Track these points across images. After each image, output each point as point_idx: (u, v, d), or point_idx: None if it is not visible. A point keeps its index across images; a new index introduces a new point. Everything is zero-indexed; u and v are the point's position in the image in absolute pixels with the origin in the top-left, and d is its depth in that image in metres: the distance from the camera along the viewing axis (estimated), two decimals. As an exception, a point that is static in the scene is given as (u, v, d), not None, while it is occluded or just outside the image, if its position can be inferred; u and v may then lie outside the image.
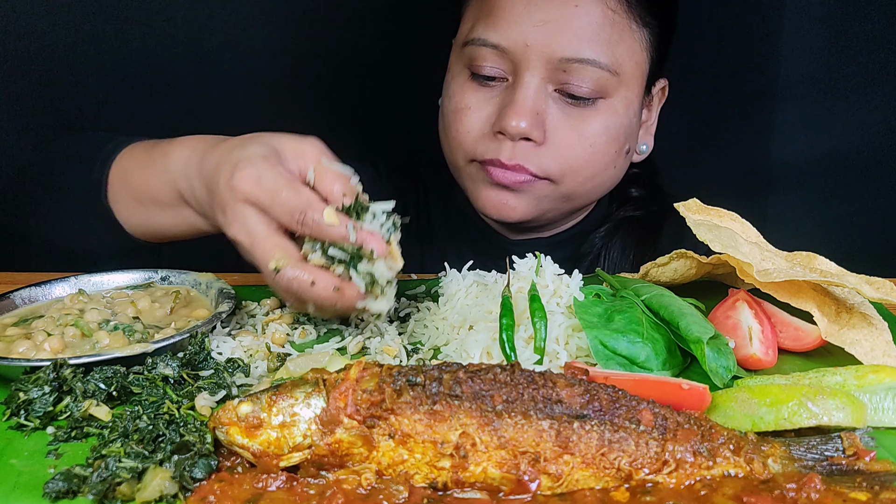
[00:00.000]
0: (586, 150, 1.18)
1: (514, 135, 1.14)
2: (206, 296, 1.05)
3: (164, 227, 1.08)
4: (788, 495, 0.64)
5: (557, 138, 1.17)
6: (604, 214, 1.40)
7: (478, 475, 0.66)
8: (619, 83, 1.17)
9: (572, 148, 1.17)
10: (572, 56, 1.12)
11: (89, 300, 1.02)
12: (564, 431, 0.66)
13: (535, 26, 1.12)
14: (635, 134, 1.27)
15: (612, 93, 1.17)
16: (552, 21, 1.12)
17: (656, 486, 0.66)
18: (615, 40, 1.15)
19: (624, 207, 1.40)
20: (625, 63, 1.16)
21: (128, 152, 1.11)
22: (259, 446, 0.67)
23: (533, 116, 1.14)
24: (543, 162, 1.17)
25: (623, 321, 0.90)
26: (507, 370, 0.69)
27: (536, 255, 1.02)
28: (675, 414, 0.70)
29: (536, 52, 1.13)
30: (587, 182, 1.22)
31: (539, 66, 1.13)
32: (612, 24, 1.14)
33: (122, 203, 1.09)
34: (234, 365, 0.87)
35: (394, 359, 0.93)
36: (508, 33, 1.14)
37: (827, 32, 1.76)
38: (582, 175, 1.20)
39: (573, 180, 1.20)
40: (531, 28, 1.12)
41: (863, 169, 1.83)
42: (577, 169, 1.19)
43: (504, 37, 1.14)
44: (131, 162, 1.09)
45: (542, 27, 1.12)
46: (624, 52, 1.16)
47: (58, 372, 0.79)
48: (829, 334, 0.91)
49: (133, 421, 0.73)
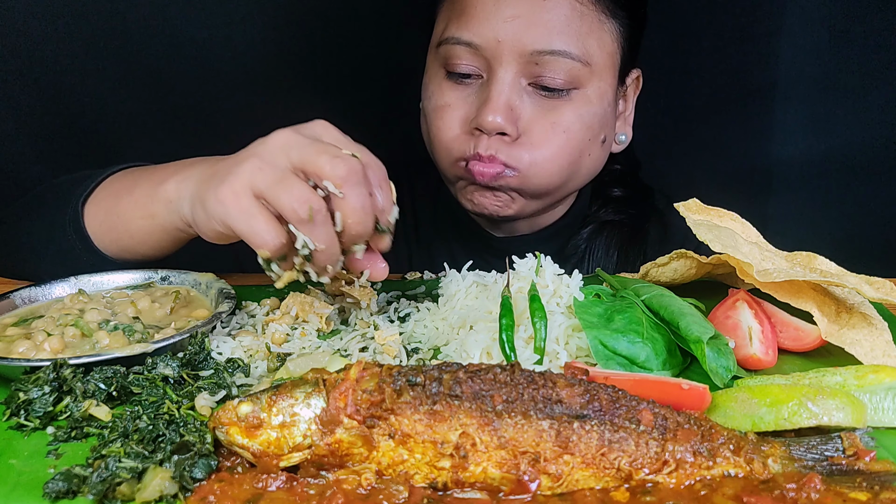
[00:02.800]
0: (560, 137, 1.20)
1: (490, 130, 1.17)
2: (206, 296, 1.05)
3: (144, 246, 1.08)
4: (788, 495, 0.64)
5: (532, 131, 1.19)
6: (586, 210, 1.43)
7: (478, 475, 0.66)
8: (592, 73, 1.19)
9: (546, 138, 1.19)
10: (543, 48, 1.15)
11: (89, 300, 1.02)
12: (564, 431, 0.66)
13: (506, 22, 1.15)
14: (611, 124, 1.29)
15: (585, 83, 1.19)
16: (522, 16, 1.14)
17: (656, 486, 0.66)
18: (585, 32, 1.17)
19: (605, 209, 1.43)
20: (595, 54, 1.19)
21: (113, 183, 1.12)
22: (259, 446, 0.67)
23: (507, 111, 1.16)
24: (518, 154, 1.19)
25: (623, 321, 0.90)
26: (507, 370, 0.69)
27: (536, 256, 1.02)
28: (675, 414, 0.70)
29: (508, 48, 1.15)
30: (563, 171, 1.23)
31: (511, 62, 1.16)
32: (581, 16, 1.17)
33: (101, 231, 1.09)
34: (234, 365, 0.87)
35: (394, 359, 0.93)
36: (480, 30, 1.16)
37: (827, 32, 1.76)
38: (556, 164, 1.21)
39: (546, 170, 1.21)
40: (501, 24, 1.15)
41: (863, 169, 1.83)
42: (550, 158, 1.20)
43: (476, 34, 1.16)
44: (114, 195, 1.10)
45: (512, 22, 1.15)
46: (594, 44, 1.18)
47: (58, 372, 0.79)
48: (829, 334, 0.91)
49: (133, 421, 0.73)
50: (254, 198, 0.87)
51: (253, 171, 0.87)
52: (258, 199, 0.87)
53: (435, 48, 1.24)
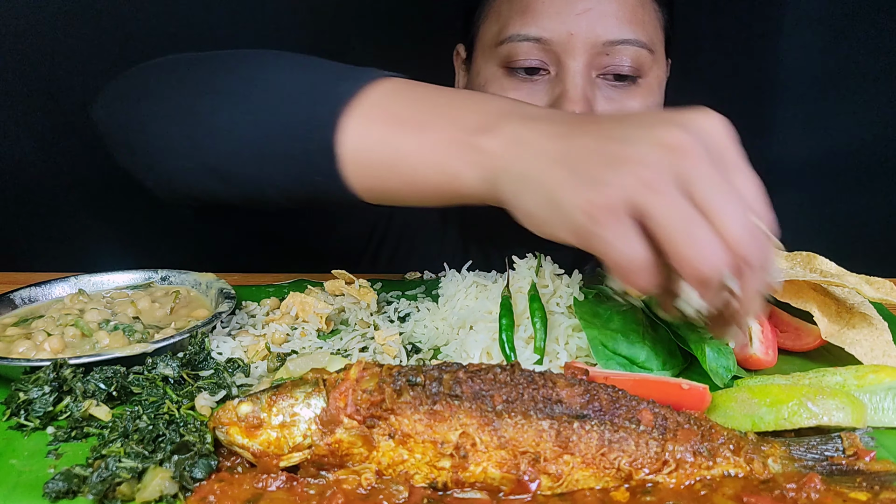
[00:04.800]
0: None
1: None
2: (206, 296, 1.05)
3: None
4: (788, 495, 0.64)
5: None
6: None
7: (478, 475, 0.66)
8: (654, 61, 1.20)
9: None
10: (615, 38, 1.15)
11: (89, 300, 1.02)
12: (564, 431, 0.66)
13: (579, 15, 1.14)
14: None
15: (647, 71, 1.20)
16: (593, 8, 1.15)
17: (656, 486, 0.66)
18: (646, 20, 1.18)
19: None
20: (655, 42, 1.20)
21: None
22: (259, 446, 0.67)
23: (585, 103, 1.16)
24: None
25: (623, 321, 0.90)
26: (507, 370, 0.69)
27: (536, 255, 1.02)
28: (676, 414, 0.70)
29: (581, 40, 1.14)
30: None
31: (583, 53, 1.15)
32: (643, 5, 1.18)
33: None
34: (234, 365, 0.87)
35: (394, 359, 0.93)
36: (550, 25, 1.15)
37: (827, 32, 1.76)
38: None
39: None
40: (574, 17, 1.14)
41: (863, 168, 1.83)
42: None
43: (545, 29, 1.15)
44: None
45: (585, 15, 1.14)
46: (653, 31, 1.20)
47: (58, 372, 0.79)
48: (830, 334, 0.91)
49: (133, 421, 0.73)
50: (632, 220, 0.66)
51: (637, 186, 0.65)
52: (635, 218, 0.66)
53: (492, 48, 1.22)
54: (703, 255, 0.64)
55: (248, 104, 0.83)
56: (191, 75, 0.91)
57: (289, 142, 0.80)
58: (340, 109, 0.78)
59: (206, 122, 0.86)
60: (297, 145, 0.80)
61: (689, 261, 0.64)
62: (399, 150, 0.77)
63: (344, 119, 0.77)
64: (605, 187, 0.66)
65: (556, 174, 0.69)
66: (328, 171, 0.79)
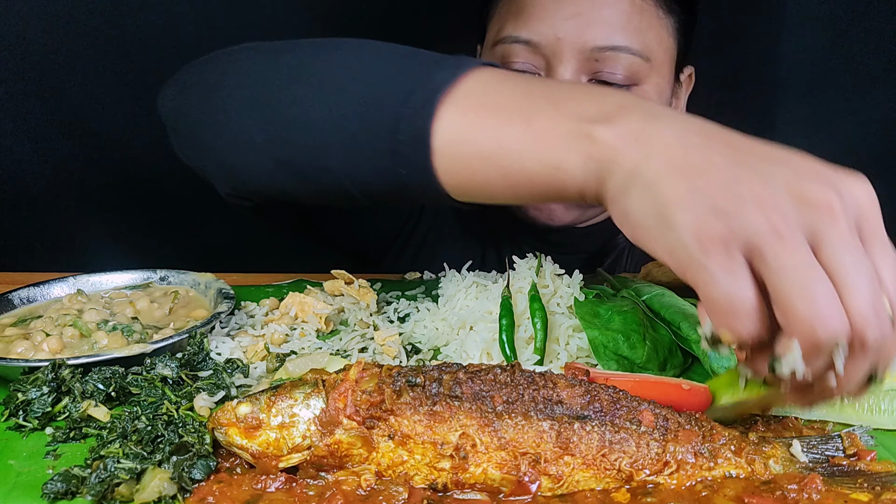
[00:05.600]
0: None
1: None
2: (205, 296, 1.05)
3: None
4: (790, 496, 0.64)
5: None
6: None
7: (478, 476, 0.66)
8: (651, 69, 1.18)
9: None
10: (604, 44, 1.13)
11: (88, 300, 1.02)
12: (565, 432, 0.66)
13: (566, 19, 1.14)
14: None
15: (644, 80, 1.18)
16: (583, 13, 1.14)
17: (657, 487, 0.66)
18: (644, 28, 1.16)
19: None
20: (655, 49, 1.18)
21: None
22: (258, 447, 0.67)
23: None
24: None
25: (624, 321, 0.90)
26: (507, 371, 0.69)
27: (537, 255, 1.02)
28: (676, 414, 0.70)
29: (568, 45, 1.14)
30: None
31: (571, 59, 1.14)
32: (641, 11, 1.16)
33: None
34: (233, 365, 0.87)
35: (393, 359, 0.93)
36: (539, 28, 1.15)
37: (827, 32, 1.76)
38: None
39: None
40: (562, 21, 1.14)
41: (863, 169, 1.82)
42: None
43: (535, 32, 1.15)
44: None
45: (572, 19, 1.13)
46: (653, 39, 1.17)
47: (56, 372, 0.78)
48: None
49: (132, 422, 0.72)
50: (743, 257, 0.59)
51: (763, 229, 0.57)
52: (748, 259, 0.59)
53: (490, 49, 1.22)
54: (822, 314, 0.56)
55: (335, 94, 0.79)
56: (271, 64, 0.87)
57: (378, 132, 0.75)
58: (438, 98, 0.72)
59: (285, 113, 0.81)
60: (386, 136, 0.75)
61: (804, 317, 0.56)
62: (501, 141, 0.71)
63: (441, 108, 0.72)
64: (727, 218, 0.58)
65: (674, 184, 0.61)
66: (418, 163, 0.74)
